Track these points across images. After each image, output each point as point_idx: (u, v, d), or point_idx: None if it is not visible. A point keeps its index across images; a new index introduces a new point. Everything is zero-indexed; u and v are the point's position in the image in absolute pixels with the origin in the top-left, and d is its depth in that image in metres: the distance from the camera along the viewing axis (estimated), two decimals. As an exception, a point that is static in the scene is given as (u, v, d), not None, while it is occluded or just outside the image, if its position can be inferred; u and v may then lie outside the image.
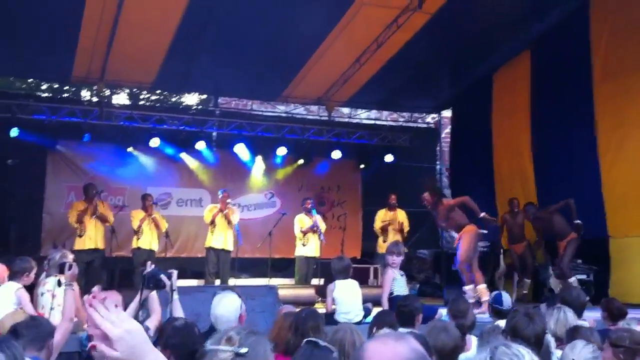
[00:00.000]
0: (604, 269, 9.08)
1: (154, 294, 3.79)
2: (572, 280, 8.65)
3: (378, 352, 1.48)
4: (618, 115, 9.16)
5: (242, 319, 3.94)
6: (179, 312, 3.58)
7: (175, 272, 3.71)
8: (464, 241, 8.37)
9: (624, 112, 9.07)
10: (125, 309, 4.04)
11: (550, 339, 3.99)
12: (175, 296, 3.65)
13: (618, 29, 9.18)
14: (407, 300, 4.78)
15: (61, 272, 4.48)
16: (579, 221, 8.91)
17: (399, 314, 4.60)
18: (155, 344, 3.23)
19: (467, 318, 4.50)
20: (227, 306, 3.75)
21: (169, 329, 2.99)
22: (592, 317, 5.30)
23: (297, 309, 4.47)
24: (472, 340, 4.21)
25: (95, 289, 4.02)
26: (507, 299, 4.89)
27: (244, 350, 1.83)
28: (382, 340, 1.54)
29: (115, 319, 1.44)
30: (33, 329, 3.51)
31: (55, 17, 8.79)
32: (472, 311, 4.74)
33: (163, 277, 3.63)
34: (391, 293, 6.77)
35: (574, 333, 3.58)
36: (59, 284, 4.49)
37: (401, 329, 4.12)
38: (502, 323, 3.96)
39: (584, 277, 8.96)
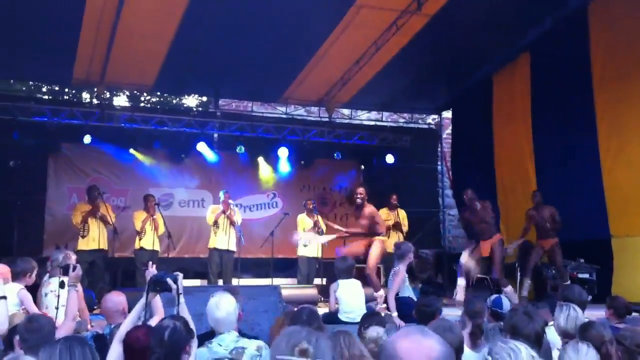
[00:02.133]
0: (606, 269, 9.07)
1: (157, 296, 3.83)
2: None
3: (413, 350, 1.43)
4: (617, 121, 9.12)
5: (240, 317, 3.93)
6: (185, 315, 3.61)
7: (180, 275, 3.72)
8: (377, 248, 8.06)
9: (623, 118, 9.02)
10: (129, 309, 4.07)
11: (553, 338, 4.03)
12: (182, 300, 3.66)
13: (616, 35, 9.13)
14: (428, 301, 4.82)
15: (65, 273, 4.49)
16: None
17: (419, 313, 4.63)
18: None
19: (483, 318, 4.53)
20: (226, 308, 3.74)
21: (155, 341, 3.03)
22: (593, 315, 5.30)
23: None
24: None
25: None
26: (506, 303, 4.90)
27: None
28: (410, 337, 1.47)
29: None
30: (34, 334, 3.48)
31: (55, 21, 8.86)
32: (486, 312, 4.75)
33: (169, 280, 3.65)
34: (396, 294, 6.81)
35: (588, 328, 3.56)
36: (62, 285, 4.50)
37: None
38: None
39: (586, 276, 8.95)
